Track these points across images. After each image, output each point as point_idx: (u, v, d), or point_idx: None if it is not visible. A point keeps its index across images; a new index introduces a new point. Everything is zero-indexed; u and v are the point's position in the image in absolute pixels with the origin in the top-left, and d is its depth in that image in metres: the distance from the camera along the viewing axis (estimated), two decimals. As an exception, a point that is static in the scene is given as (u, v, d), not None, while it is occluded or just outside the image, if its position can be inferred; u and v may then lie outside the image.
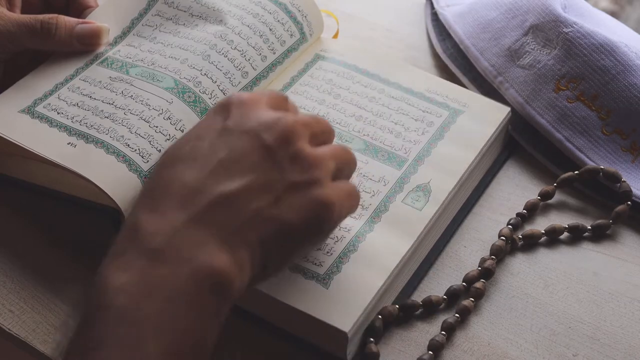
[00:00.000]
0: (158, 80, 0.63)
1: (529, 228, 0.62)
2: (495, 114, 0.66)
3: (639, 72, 0.66)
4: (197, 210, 0.44)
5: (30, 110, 0.61)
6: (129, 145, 0.58)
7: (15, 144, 0.58)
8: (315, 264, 0.54)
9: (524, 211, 0.63)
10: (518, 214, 0.63)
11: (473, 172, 0.63)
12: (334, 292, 0.53)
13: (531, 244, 0.62)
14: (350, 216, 0.57)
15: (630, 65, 0.66)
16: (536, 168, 0.67)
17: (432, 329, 0.56)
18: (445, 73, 0.75)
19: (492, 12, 0.74)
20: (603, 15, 0.75)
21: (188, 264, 0.42)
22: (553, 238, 0.62)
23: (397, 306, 0.55)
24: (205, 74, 0.63)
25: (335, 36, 0.76)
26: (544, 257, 0.61)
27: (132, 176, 0.57)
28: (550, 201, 0.65)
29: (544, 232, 0.62)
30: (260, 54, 0.67)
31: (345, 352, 0.52)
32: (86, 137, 0.59)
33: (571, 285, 0.59)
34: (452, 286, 0.58)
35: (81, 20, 0.65)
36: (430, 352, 0.54)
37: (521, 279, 0.59)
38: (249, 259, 0.44)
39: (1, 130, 0.59)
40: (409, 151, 0.62)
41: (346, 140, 0.63)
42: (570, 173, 0.64)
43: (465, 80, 0.73)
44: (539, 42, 0.69)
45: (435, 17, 0.79)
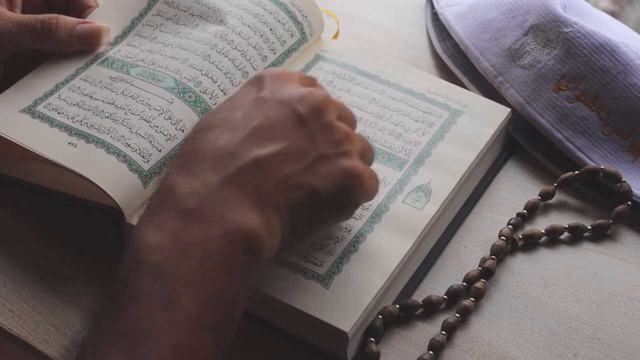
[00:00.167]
0: (158, 80, 0.63)
1: (529, 228, 0.62)
2: (495, 115, 0.66)
3: (639, 72, 0.66)
4: (230, 173, 0.45)
5: (31, 110, 0.61)
6: (129, 145, 0.58)
7: (15, 143, 0.58)
8: (316, 264, 0.54)
9: (524, 211, 0.63)
10: (518, 214, 0.63)
11: (473, 172, 0.63)
12: (335, 292, 0.53)
13: (531, 244, 0.62)
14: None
15: (630, 65, 0.66)
16: (536, 168, 0.67)
17: (432, 329, 0.56)
18: (446, 73, 0.75)
19: (492, 12, 0.74)
20: (603, 15, 0.75)
21: (221, 224, 0.43)
22: (553, 238, 0.62)
23: (398, 306, 0.55)
24: (205, 74, 0.63)
25: (336, 36, 0.76)
26: (544, 257, 0.61)
27: (132, 176, 0.57)
28: (550, 201, 0.65)
29: (544, 232, 0.62)
30: (261, 54, 0.67)
31: (346, 352, 0.52)
32: (87, 137, 0.59)
33: (571, 285, 0.59)
34: (452, 286, 0.58)
35: (81, 20, 0.65)
36: (430, 352, 0.54)
37: (521, 279, 0.59)
38: (279, 222, 0.46)
39: (1, 129, 0.59)
40: (409, 152, 0.62)
41: (347, 141, 0.63)
42: (571, 173, 0.64)
43: (465, 80, 0.73)
44: (539, 42, 0.69)
45: (436, 17, 0.79)
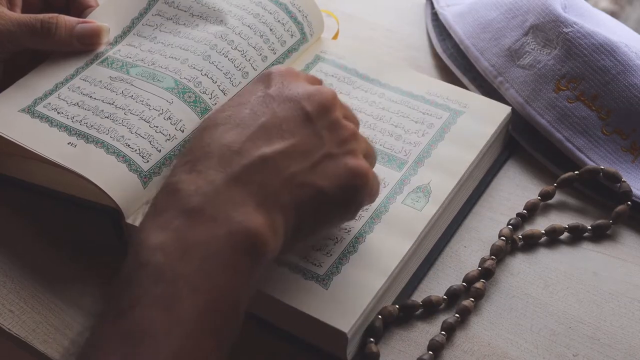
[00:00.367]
0: (158, 80, 0.63)
1: (529, 228, 0.62)
2: (495, 114, 0.66)
3: (639, 72, 0.66)
4: (236, 171, 0.45)
5: (31, 110, 0.61)
6: (129, 145, 0.58)
7: (15, 143, 0.58)
8: (315, 265, 0.54)
9: (524, 211, 0.63)
10: (518, 214, 0.63)
11: (473, 172, 0.63)
12: (334, 293, 0.53)
13: (531, 244, 0.62)
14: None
15: (630, 65, 0.66)
16: (536, 168, 0.67)
17: (432, 329, 0.56)
18: (446, 73, 0.75)
19: (492, 12, 0.74)
20: (603, 15, 0.75)
21: (225, 224, 0.43)
22: (553, 238, 0.62)
23: (397, 306, 0.55)
24: (205, 74, 0.63)
25: (336, 36, 0.76)
26: (544, 257, 0.61)
27: (132, 176, 0.57)
28: (550, 201, 0.65)
29: (544, 232, 0.61)
30: (261, 54, 0.67)
31: (345, 352, 0.52)
32: (86, 137, 0.59)
33: (571, 285, 0.59)
34: (452, 286, 0.58)
35: (81, 19, 0.65)
36: (430, 352, 0.54)
37: (521, 279, 0.59)
38: (283, 222, 0.45)
39: (1, 129, 0.59)
40: (409, 153, 0.62)
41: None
42: (570, 173, 0.64)
43: (465, 80, 0.73)
44: (539, 42, 0.69)
45: (436, 17, 0.79)
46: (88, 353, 0.40)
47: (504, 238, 0.60)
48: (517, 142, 0.69)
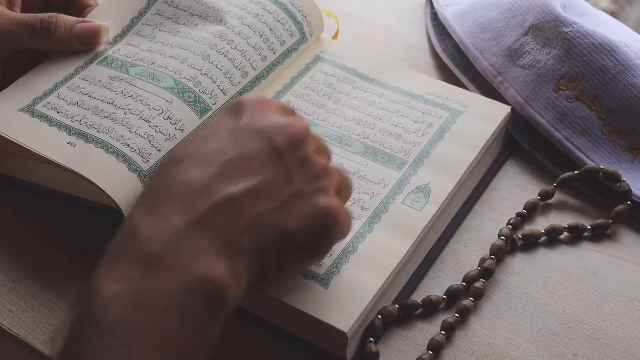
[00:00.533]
0: (158, 80, 0.63)
1: (529, 228, 0.62)
2: (495, 114, 0.66)
3: (639, 72, 0.66)
4: (199, 213, 0.43)
5: (30, 109, 0.61)
6: (129, 145, 0.58)
7: (14, 143, 0.58)
8: (315, 265, 0.54)
9: (524, 211, 0.63)
10: (518, 214, 0.63)
11: (473, 172, 0.63)
12: (334, 293, 0.53)
13: (531, 244, 0.62)
14: (351, 216, 0.57)
15: (630, 65, 0.66)
16: (536, 168, 0.67)
17: (432, 329, 0.56)
18: (445, 73, 0.75)
19: (492, 12, 0.74)
20: (603, 15, 0.75)
21: (184, 274, 0.41)
22: (553, 238, 0.62)
23: (397, 306, 0.55)
24: (205, 74, 0.63)
25: (336, 36, 0.76)
26: (544, 257, 0.61)
27: (132, 176, 0.57)
28: (550, 201, 0.65)
29: (544, 232, 0.61)
30: (261, 54, 0.67)
31: (345, 352, 0.52)
32: (86, 137, 0.59)
33: (571, 285, 0.59)
34: (452, 286, 0.58)
35: (81, 19, 0.65)
36: (430, 352, 0.54)
37: (521, 279, 0.59)
38: (247, 267, 0.43)
39: (1, 129, 0.59)
40: (409, 153, 0.62)
41: (346, 143, 0.63)
42: (570, 173, 0.64)
43: (465, 80, 0.73)
44: (539, 42, 0.69)
45: (435, 17, 0.79)
46: None
47: (503, 238, 0.60)
48: (517, 142, 0.69)
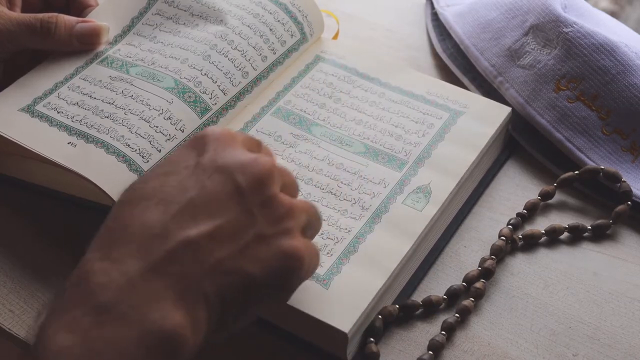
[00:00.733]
0: (158, 80, 0.63)
1: (529, 228, 0.62)
2: (495, 115, 0.66)
3: (639, 72, 0.66)
4: (156, 259, 0.41)
5: (30, 109, 0.61)
6: (129, 145, 0.58)
7: (14, 143, 0.58)
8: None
9: (524, 211, 0.63)
10: (518, 214, 0.63)
11: (473, 172, 0.63)
12: (334, 293, 0.53)
13: (531, 244, 0.62)
14: (351, 217, 0.57)
15: (630, 65, 0.66)
16: (536, 168, 0.67)
17: (432, 329, 0.56)
18: (446, 73, 0.75)
19: (492, 12, 0.74)
20: (603, 15, 0.75)
21: (138, 324, 0.39)
22: (553, 238, 0.62)
23: (397, 306, 0.55)
24: (205, 74, 0.63)
25: (336, 36, 0.76)
26: (544, 257, 0.61)
27: (132, 176, 0.57)
28: (550, 201, 0.65)
29: (544, 232, 0.62)
30: (261, 54, 0.67)
31: (345, 352, 0.52)
32: (86, 137, 0.59)
33: (571, 285, 0.59)
34: (452, 286, 0.58)
35: (81, 19, 0.65)
36: (430, 352, 0.54)
37: (521, 279, 0.59)
38: (206, 314, 0.41)
39: (1, 128, 0.59)
40: (409, 153, 0.62)
41: (347, 143, 0.63)
42: (570, 173, 0.64)
43: (465, 80, 0.73)
44: (539, 42, 0.69)
45: (436, 17, 0.79)
46: None
47: (504, 238, 0.60)
48: (517, 142, 0.69)
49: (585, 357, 0.54)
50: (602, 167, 0.64)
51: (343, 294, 0.53)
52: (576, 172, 0.64)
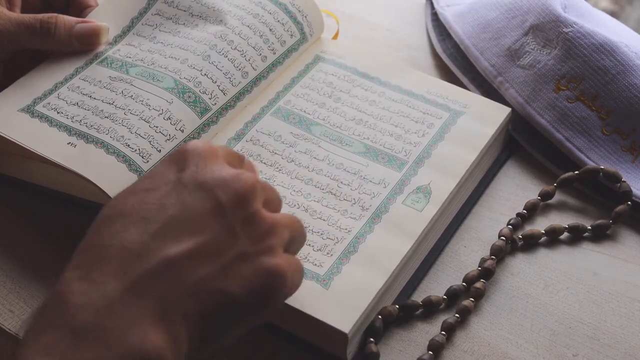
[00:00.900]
0: (158, 80, 0.63)
1: (529, 228, 0.62)
2: (495, 115, 0.66)
3: (639, 72, 0.66)
4: (135, 279, 0.40)
5: (30, 110, 0.61)
6: (129, 145, 0.58)
7: (14, 143, 0.58)
8: (316, 265, 0.54)
9: (524, 211, 0.63)
10: (518, 214, 0.63)
11: (473, 172, 0.63)
12: (334, 293, 0.53)
13: (531, 244, 0.62)
14: (351, 217, 0.57)
15: (630, 65, 0.66)
16: (536, 168, 0.67)
17: (432, 329, 0.56)
18: (446, 73, 0.75)
19: (492, 12, 0.74)
20: (603, 15, 0.75)
21: (118, 347, 0.38)
22: (553, 238, 0.62)
23: (397, 306, 0.55)
24: (205, 74, 0.63)
25: (336, 36, 0.76)
26: (544, 257, 0.61)
27: (132, 176, 0.57)
28: (550, 201, 0.65)
29: (544, 232, 0.62)
30: (261, 54, 0.67)
31: (346, 352, 0.52)
32: (86, 137, 0.59)
33: (571, 285, 0.59)
34: (452, 286, 0.58)
35: (81, 19, 0.65)
36: (430, 352, 0.54)
37: (521, 279, 0.59)
38: (187, 335, 0.41)
39: (1, 129, 0.59)
40: (409, 153, 0.62)
41: (347, 143, 0.63)
42: (570, 173, 0.64)
43: (465, 80, 0.73)
44: (539, 42, 0.69)
45: (436, 17, 0.79)
46: None
47: (504, 238, 0.60)
48: (517, 142, 0.69)
49: (585, 357, 0.54)
50: (602, 167, 0.64)
51: (343, 294, 0.53)
52: (576, 172, 0.64)
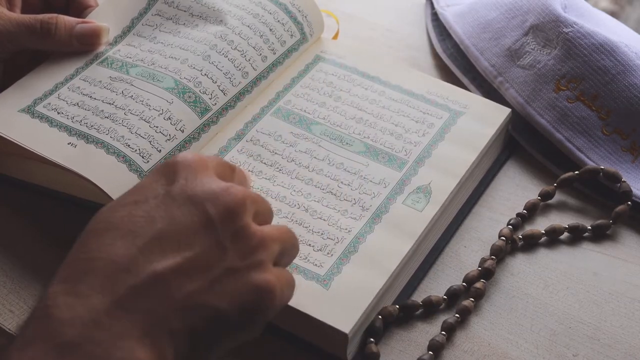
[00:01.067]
0: (158, 80, 0.63)
1: (529, 228, 0.62)
2: (495, 115, 0.66)
3: (639, 72, 0.66)
4: (122, 294, 0.40)
5: (30, 110, 0.61)
6: (129, 145, 0.58)
7: (15, 143, 0.58)
8: (316, 265, 0.54)
9: (524, 211, 0.63)
10: (518, 214, 0.63)
11: (473, 173, 0.63)
12: (335, 293, 0.53)
13: (531, 244, 0.62)
14: (351, 217, 0.57)
15: (630, 65, 0.66)
16: (536, 168, 0.67)
17: (432, 329, 0.56)
18: (446, 73, 0.75)
19: (492, 12, 0.74)
20: (603, 15, 0.75)
21: None
22: (553, 238, 0.62)
23: (397, 306, 0.55)
24: (205, 74, 0.63)
25: (336, 36, 0.76)
26: (544, 257, 0.61)
27: (132, 176, 0.57)
28: (550, 201, 0.65)
29: (544, 232, 0.62)
30: (261, 54, 0.67)
31: (346, 352, 0.52)
32: (86, 137, 0.59)
33: (571, 285, 0.59)
34: (452, 286, 0.58)
35: (81, 19, 0.65)
36: (430, 352, 0.54)
37: (521, 279, 0.59)
38: (173, 351, 0.40)
39: (1, 129, 0.59)
40: (410, 153, 0.62)
41: (347, 142, 0.63)
42: (571, 173, 0.64)
43: (465, 80, 0.73)
44: (539, 42, 0.69)
45: (436, 17, 0.79)
46: None
47: (504, 238, 0.60)
48: (517, 142, 0.69)
49: (585, 357, 0.54)
50: (602, 167, 0.64)
51: (343, 294, 0.53)
52: (576, 172, 0.64)
